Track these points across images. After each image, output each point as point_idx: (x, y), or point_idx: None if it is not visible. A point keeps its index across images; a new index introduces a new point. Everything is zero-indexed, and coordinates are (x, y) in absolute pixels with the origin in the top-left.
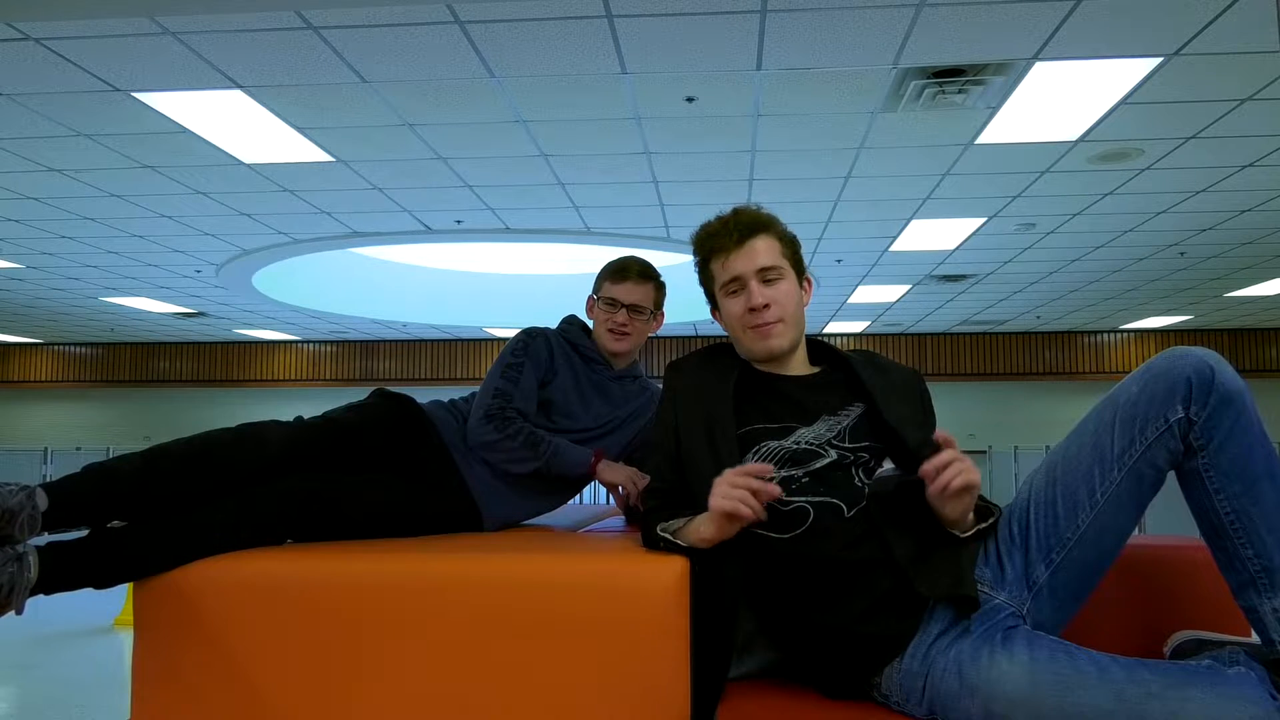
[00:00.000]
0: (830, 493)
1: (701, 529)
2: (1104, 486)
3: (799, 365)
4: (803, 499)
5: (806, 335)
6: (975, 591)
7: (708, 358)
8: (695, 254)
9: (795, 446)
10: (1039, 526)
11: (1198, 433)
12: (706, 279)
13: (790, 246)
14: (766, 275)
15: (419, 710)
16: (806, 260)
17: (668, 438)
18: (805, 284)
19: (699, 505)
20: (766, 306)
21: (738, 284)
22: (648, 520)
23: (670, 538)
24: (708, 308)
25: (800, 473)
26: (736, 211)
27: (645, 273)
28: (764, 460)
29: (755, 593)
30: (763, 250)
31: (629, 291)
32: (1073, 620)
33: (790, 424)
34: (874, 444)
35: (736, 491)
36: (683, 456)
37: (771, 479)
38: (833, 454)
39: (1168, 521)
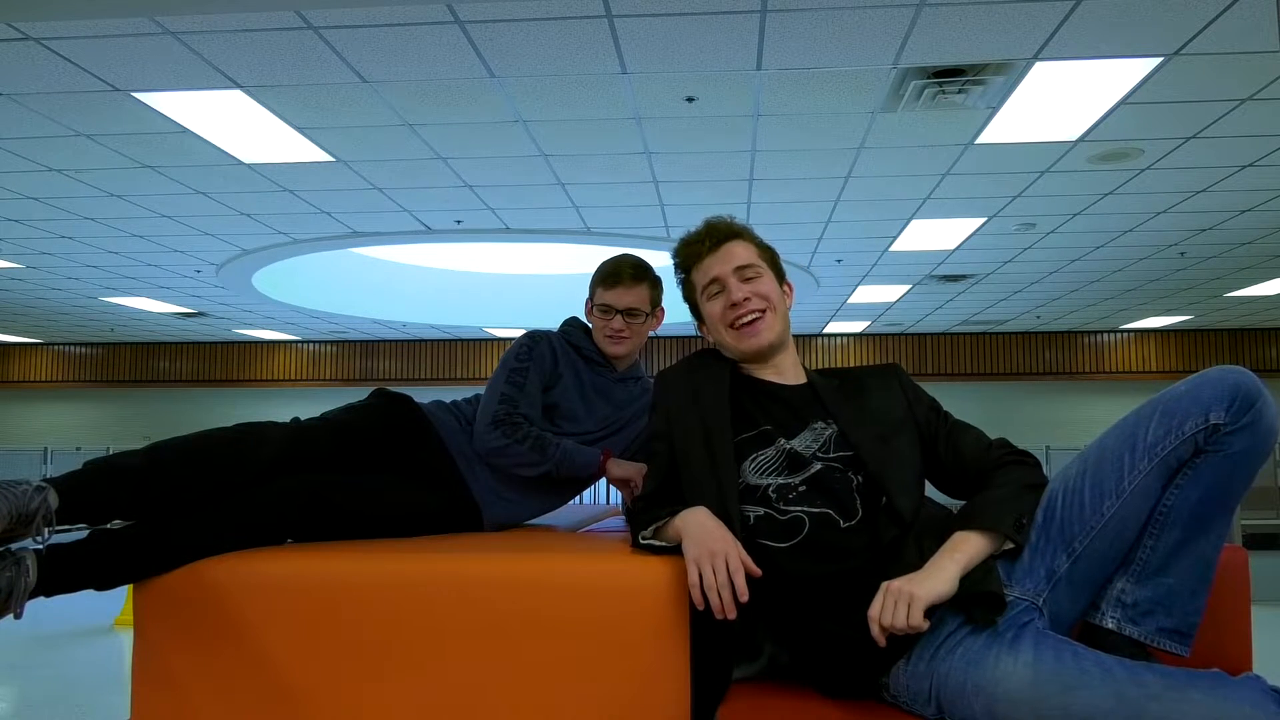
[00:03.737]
0: (827, 503)
1: (679, 534)
2: (1132, 475)
3: (792, 373)
4: (799, 509)
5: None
6: (1000, 588)
7: (696, 364)
8: (677, 271)
9: (791, 453)
10: (1065, 515)
11: (1215, 440)
12: (689, 291)
13: (767, 251)
14: (745, 274)
15: (419, 708)
16: (806, 260)
17: (661, 445)
18: (786, 288)
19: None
20: (747, 299)
21: (717, 285)
22: (633, 524)
23: (652, 541)
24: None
25: (798, 480)
26: (708, 222)
27: (638, 274)
28: (760, 467)
29: (757, 596)
30: (739, 252)
31: (621, 296)
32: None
33: (784, 431)
34: (854, 455)
35: (721, 575)
36: (678, 461)
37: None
38: (819, 465)
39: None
